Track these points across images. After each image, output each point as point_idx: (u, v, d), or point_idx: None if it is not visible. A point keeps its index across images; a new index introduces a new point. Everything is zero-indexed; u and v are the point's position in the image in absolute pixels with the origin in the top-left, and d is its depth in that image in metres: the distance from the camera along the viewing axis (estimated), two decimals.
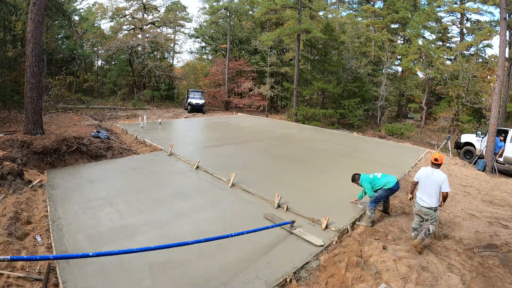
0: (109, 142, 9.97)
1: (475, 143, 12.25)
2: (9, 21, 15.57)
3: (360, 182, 5.72)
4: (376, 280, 3.93)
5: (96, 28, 30.14)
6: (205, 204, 6.01)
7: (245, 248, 4.49)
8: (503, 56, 11.02)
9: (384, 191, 5.42)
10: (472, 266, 4.25)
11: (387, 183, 5.41)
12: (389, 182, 5.42)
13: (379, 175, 5.59)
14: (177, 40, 34.74)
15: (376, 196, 5.41)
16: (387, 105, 23.88)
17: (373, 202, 5.39)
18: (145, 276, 3.76)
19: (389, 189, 5.41)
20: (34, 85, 9.29)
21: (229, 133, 14.21)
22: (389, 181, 5.44)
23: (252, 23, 29.81)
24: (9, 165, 6.23)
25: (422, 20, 21.08)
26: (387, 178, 5.51)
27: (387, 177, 5.54)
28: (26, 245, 4.19)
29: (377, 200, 5.43)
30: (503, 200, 7.29)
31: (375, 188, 5.48)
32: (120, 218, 5.22)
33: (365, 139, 14.69)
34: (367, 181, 5.59)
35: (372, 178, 5.58)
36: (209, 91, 28.61)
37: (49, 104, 17.82)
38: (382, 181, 5.47)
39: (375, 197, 5.41)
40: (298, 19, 21.15)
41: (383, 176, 5.57)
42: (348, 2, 33.20)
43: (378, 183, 5.49)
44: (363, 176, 5.73)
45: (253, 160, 9.39)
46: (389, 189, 5.42)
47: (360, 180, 5.73)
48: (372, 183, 5.53)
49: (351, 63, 22.60)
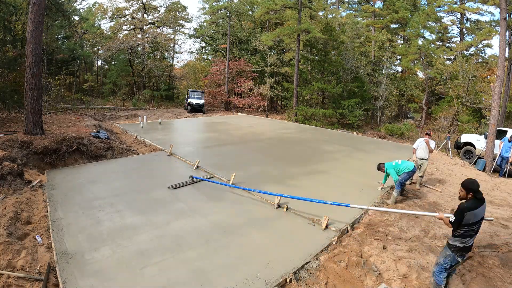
0: (109, 142, 9.97)
1: (475, 143, 12.25)
2: (9, 21, 15.56)
3: (386, 169, 6.66)
4: (376, 280, 3.93)
5: (96, 28, 30.15)
6: (205, 204, 6.01)
7: (245, 248, 4.49)
8: (503, 56, 11.01)
9: (406, 174, 6.39)
10: (472, 266, 4.25)
11: (407, 167, 6.41)
12: (409, 166, 6.43)
13: (400, 162, 6.56)
14: (177, 40, 34.81)
15: (400, 179, 6.37)
16: (387, 105, 23.89)
17: (399, 185, 6.38)
18: (144, 275, 3.75)
19: (409, 171, 6.39)
20: (34, 85, 9.28)
21: (229, 133, 14.21)
22: (409, 165, 6.45)
23: (252, 23, 29.81)
24: (9, 165, 6.23)
25: (422, 20, 21.08)
26: (406, 163, 6.50)
27: (406, 162, 6.53)
28: (26, 245, 4.20)
29: (401, 182, 6.40)
30: (503, 200, 7.28)
31: (399, 173, 6.42)
32: (120, 218, 5.22)
33: (365, 139, 14.69)
34: (391, 168, 6.53)
35: (395, 165, 6.53)
36: (209, 91, 28.61)
37: (49, 104, 17.82)
38: (403, 166, 6.45)
39: (400, 180, 6.37)
40: (298, 19, 21.15)
41: (403, 162, 6.55)
42: (348, 2, 33.20)
43: (401, 168, 6.43)
44: (387, 165, 6.68)
45: (253, 160, 9.38)
46: (409, 172, 6.40)
47: (385, 168, 6.68)
48: (396, 169, 6.47)
49: (351, 63, 22.60)
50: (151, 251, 4.26)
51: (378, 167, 6.94)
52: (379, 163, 6.94)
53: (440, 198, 6.99)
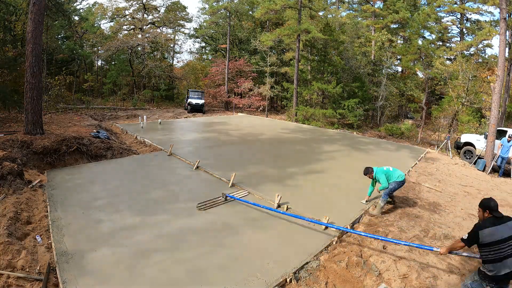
0: (109, 142, 9.97)
1: (475, 143, 12.24)
2: (9, 21, 15.56)
3: (375, 174, 5.90)
4: (376, 280, 3.93)
5: (96, 28, 30.16)
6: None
7: (245, 247, 4.49)
8: (503, 56, 11.01)
9: (397, 184, 5.81)
10: (472, 266, 4.25)
11: (399, 176, 5.83)
12: (400, 176, 5.85)
13: (391, 168, 5.92)
14: (177, 40, 34.77)
15: (390, 188, 5.76)
16: (387, 105, 23.85)
17: (386, 194, 5.76)
18: (144, 275, 3.75)
19: (400, 181, 5.83)
20: (34, 85, 9.28)
21: (229, 133, 14.21)
22: (400, 175, 5.87)
23: (252, 23, 29.81)
24: (9, 165, 6.23)
25: (422, 20, 21.07)
26: (398, 172, 5.90)
27: (397, 171, 5.92)
28: (26, 245, 4.19)
29: (390, 191, 5.80)
30: (503, 200, 7.28)
31: (390, 180, 5.79)
32: (120, 218, 5.22)
33: (365, 139, 14.69)
34: (382, 173, 5.83)
35: (386, 171, 5.87)
36: (209, 91, 28.60)
37: (49, 104, 17.83)
38: (395, 174, 5.83)
39: (389, 190, 5.76)
40: (298, 19, 21.15)
41: (394, 170, 5.92)
42: (348, 2, 33.17)
43: (392, 175, 5.82)
44: (376, 169, 5.92)
45: (253, 160, 9.38)
46: (400, 182, 5.84)
47: (374, 173, 5.91)
48: (387, 175, 5.81)
49: (351, 63, 22.58)
50: (151, 251, 4.26)
51: (366, 171, 5.98)
52: (367, 167, 6.03)
53: (440, 198, 6.99)
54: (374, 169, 5.93)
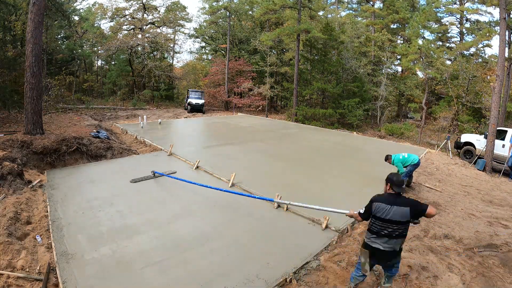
0: (109, 142, 9.97)
1: (475, 143, 12.25)
2: (9, 21, 15.57)
3: (392, 161, 7.05)
4: (376, 280, 3.93)
5: (96, 28, 30.12)
6: (205, 204, 6.01)
7: (245, 247, 4.49)
8: (503, 56, 11.02)
9: (412, 166, 6.97)
10: (472, 266, 4.25)
11: (413, 160, 6.96)
12: (414, 159, 6.98)
13: (406, 155, 7.03)
14: (177, 40, 34.72)
15: (407, 171, 6.91)
16: (387, 105, 23.87)
17: (405, 176, 6.88)
18: (144, 275, 3.75)
19: (415, 164, 6.98)
20: (34, 85, 9.28)
21: (229, 133, 14.21)
22: (414, 158, 7.00)
23: (252, 23, 29.80)
24: (9, 165, 6.23)
25: (422, 20, 21.08)
26: (412, 156, 7.04)
27: (411, 156, 7.06)
28: (26, 245, 4.19)
29: (408, 174, 6.96)
30: (503, 200, 7.28)
31: (405, 164, 6.94)
32: (120, 218, 5.22)
33: (365, 139, 14.69)
34: (399, 161, 6.96)
35: (401, 159, 6.98)
36: (209, 91, 28.59)
37: (49, 104, 17.82)
38: (410, 158, 6.97)
39: (406, 172, 6.89)
40: (298, 19, 21.15)
41: (409, 155, 7.06)
42: (348, 2, 33.18)
43: (407, 160, 6.95)
44: (394, 157, 7.08)
45: (253, 160, 9.38)
46: (415, 164, 6.99)
47: (392, 159, 7.07)
48: (403, 161, 6.96)
49: (350, 63, 22.58)
50: (151, 251, 4.26)
51: (386, 158, 7.32)
52: (387, 155, 7.32)
53: (440, 198, 6.99)
54: (392, 157, 7.08)
